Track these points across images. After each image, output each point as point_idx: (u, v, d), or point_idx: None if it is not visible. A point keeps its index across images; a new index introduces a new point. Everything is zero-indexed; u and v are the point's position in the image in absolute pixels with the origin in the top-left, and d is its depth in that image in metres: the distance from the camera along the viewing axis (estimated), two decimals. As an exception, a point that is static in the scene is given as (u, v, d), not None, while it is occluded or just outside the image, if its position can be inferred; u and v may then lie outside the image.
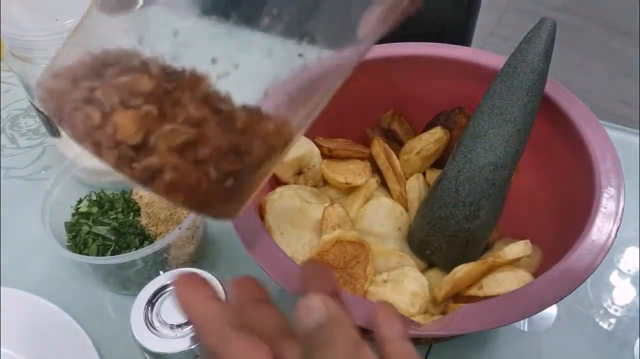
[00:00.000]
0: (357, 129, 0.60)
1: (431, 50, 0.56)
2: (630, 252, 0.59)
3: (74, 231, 0.56)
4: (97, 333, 0.52)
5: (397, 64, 0.56)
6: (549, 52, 0.48)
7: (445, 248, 0.49)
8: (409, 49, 0.56)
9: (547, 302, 0.39)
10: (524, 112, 0.47)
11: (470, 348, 0.52)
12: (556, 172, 0.52)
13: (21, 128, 0.74)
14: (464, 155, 0.48)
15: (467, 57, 0.55)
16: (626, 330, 0.53)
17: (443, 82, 0.57)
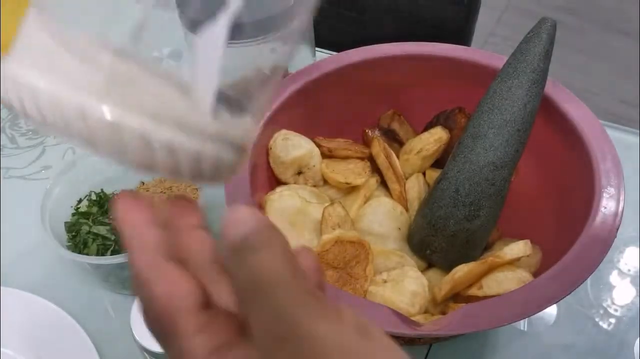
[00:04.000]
0: (357, 129, 0.60)
1: (431, 50, 0.56)
2: (630, 252, 0.59)
3: (73, 230, 0.56)
4: (97, 333, 0.52)
5: (397, 64, 0.56)
6: (549, 52, 0.48)
7: (445, 248, 0.49)
8: (409, 49, 0.57)
9: (547, 302, 0.39)
10: (524, 112, 0.47)
11: (470, 348, 0.52)
12: (556, 172, 0.52)
13: (21, 128, 0.74)
14: (464, 155, 0.48)
15: (467, 57, 0.55)
16: (626, 330, 0.53)
17: (443, 82, 0.57)
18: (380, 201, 0.53)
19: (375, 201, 0.53)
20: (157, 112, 0.25)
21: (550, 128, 0.51)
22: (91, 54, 0.26)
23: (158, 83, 0.26)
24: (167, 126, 0.25)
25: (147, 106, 0.25)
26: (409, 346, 0.51)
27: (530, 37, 0.48)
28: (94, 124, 0.24)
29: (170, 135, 0.25)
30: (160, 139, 0.25)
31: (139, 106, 0.25)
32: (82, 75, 0.25)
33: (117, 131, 0.24)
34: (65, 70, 0.25)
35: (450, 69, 0.56)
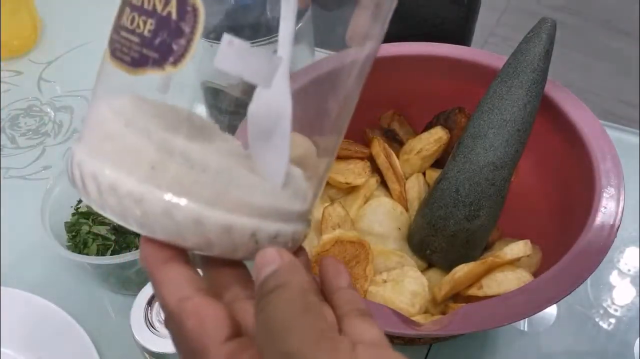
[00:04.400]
0: (357, 129, 0.60)
1: (431, 50, 0.56)
2: (630, 252, 0.59)
3: (73, 230, 0.56)
4: (97, 333, 0.52)
5: (397, 64, 0.56)
6: (549, 52, 0.48)
7: (445, 248, 0.49)
8: (409, 49, 0.56)
9: (547, 302, 0.39)
10: (524, 112, 0.47)
11: (470, 348, 0.52)
12: (556, 172, 0.52)
13: (21, 128, 0.74)
14: (464, 155, 0.48)
15: (467, 57, 0.55)
16: (626, 330, 0.53)
17: (443, 82, 0.57)
18: (380, 201, 0.53)
19: (375, 201, 0.53)
20: (241, 204, 0.26)
21: (550, 128, 0.51)
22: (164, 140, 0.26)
23: (232, 167, 0.27)
24: (250, 216, 0.26)
25: (229, 200, 0.26)
26: (409, 346, 0.51)
27: (530, 37, 0.48)
28: (180, 220, 0.25)
29: (254, 223, 0.26)
30: (267, 232, 0.27)
31: (221, 201, 0.26)
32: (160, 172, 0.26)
33: (200, 225, 0.26)
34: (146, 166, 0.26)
35: (450, 69, 0.56)
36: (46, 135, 0.72)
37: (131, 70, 0.27)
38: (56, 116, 0.75)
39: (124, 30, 0.28)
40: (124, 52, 0.27)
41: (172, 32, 0.27)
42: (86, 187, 0.27)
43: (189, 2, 0.27)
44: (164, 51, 0.27)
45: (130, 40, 0.27)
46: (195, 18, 0.27)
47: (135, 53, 0.27)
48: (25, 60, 0.82)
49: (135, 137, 0.26)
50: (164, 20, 0.27)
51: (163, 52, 0.27)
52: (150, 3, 0.27)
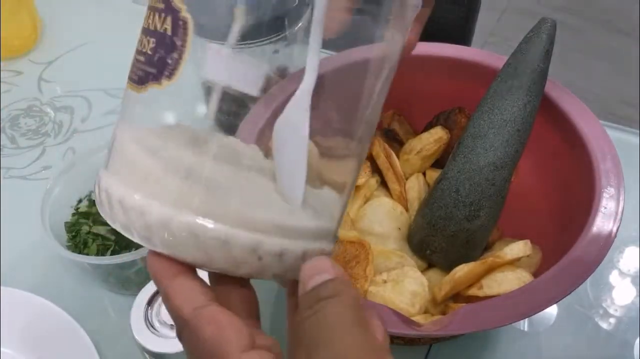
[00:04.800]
0: (357, 129, 0.60)
1: (432, 50, 0.56)
2: (630, 252, 0.59)
3: (73, 230, 0.56)
4: (97, 333, 0.52)
5: (397, 64, 0.56)
6: (549, 52, 0.48)
7: (445, 248, 0.49)
8: (409, 49, 0.56)
9: (547, 302, 0.39)
10: (524, 112, 0.47)
11: (470, 348, 0.52)
12: (556, 172, 0.52)
13: (21, 128, 0.74)
14: (464, 155, 0.48)
15: (468, 57, 0.55)
16: (626, 330, 0.53)
17: (443, 82, 0.57)
18: (380, 201, 0.53)
19: (375, 201, 0.53)
20: (264, 225, 0.26)
21: (550, 128, 0.51)
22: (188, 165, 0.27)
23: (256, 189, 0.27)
24: (275, 237, 0.27)
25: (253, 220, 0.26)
26: (409, 346, 0.51)
27: (530, 37, 0.48)
28: (207, 242, 0.26)
29: (280, 244, 0.27)
30: (271, 249, 0.26)
31: (245, 221, 0.26)
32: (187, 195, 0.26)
33: (228, 246, 0.26)
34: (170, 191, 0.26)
35: (450, 69, 0.56)
36: (46, 135, 0.72)
37: (136, 88, 0.28)
38: (56, 116, 0.75)
39: (137, 54, 0.29)
40: (134, 72, 0.29)
41: (167, 47, 0.28)
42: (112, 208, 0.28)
43: (180, 16, 0.27)
44: (161, 66, 0.28)
45: (139, 61, 0.29)
46: (185, 31, 0.28)
47: (141, 72, 0.28)
48: (25, 60, 0.82)
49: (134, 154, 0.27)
50: (161, 37, 0.28)
51: (160, 67, 0.28)
52: (153, 24, 0.28)
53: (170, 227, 0.26)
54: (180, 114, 0.31)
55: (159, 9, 0.28)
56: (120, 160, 0.28)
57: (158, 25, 0.28)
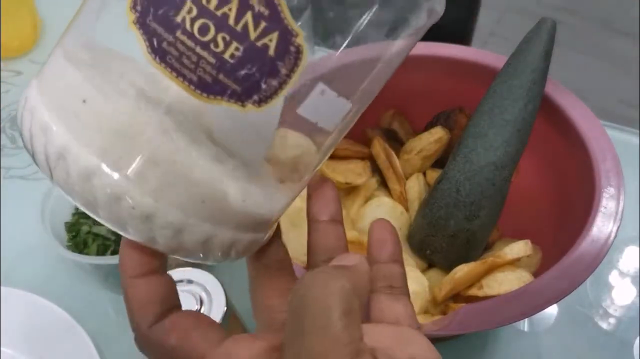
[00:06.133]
0: (357, 128, 0.60)
1: (431, 50, 0.56)
2: (630, 252, 0.59)
3: (74, 230, 0.56)
4: (97, 333, 0.52)
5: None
6: (549, 52, 0.48)
7: (445, 248, 0.49)
8: (409, 49, 0.56)
9: (547, 302, 0.39)
10: (524, 112, 0.47)
11: (470, 348, 0.52)
12: (556, 172, 0.52)
13: (21, 128, 0.74)
14: (464, 155, 0.48)
15: (467, 57, 0.55)
16: (626, 330, 0.53)
17: (443, 82, 0.57)
18: (380, 201, 0.53)
19: (376, 201, 0.53)
20: (189, 207, 0.23)
21: (550, 128, 0.51)
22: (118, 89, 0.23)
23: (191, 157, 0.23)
24: (201, 220, 0.24)
25: (181, 200, 0.23)
26: (409, 346, 0.51)
27: (530, 37, 0.48)
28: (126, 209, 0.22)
29: (206, 230, 0.24)
30: (195, 232, 0.24)
31: (175, 200, 0.23)
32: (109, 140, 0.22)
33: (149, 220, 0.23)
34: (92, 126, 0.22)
35: (450, 69, 0.56)
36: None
37: (198, 95, 0.22)
38: (56, 116, 0.75)
39: (186, 36, 0.22)
40: (186, 66, 0.22)
41: (264, 69, 0.22)
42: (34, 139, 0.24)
43: (293, 41, 0.22)
44: (249, 87, 0.22)
45: (199, 55, 0.22)
46: (297, 61, 0.23)
47: (207, 75, 0.22)
48: (25, 61, 0.82)
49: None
50: (256, 52, 0.22)
51: (247, 88, 0.22)
52: (238, 21, 0.22)
53: (92, 182, 0.22)
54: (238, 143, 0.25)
55: (254, 9, 0.22)
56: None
57: (251, 33, 0.22)
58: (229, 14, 0.22)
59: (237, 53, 0.22)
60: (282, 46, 0.22)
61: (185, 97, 0.22)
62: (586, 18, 1.99)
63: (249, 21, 0.22)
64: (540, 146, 0.51)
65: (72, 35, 0.25)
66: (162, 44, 0.22)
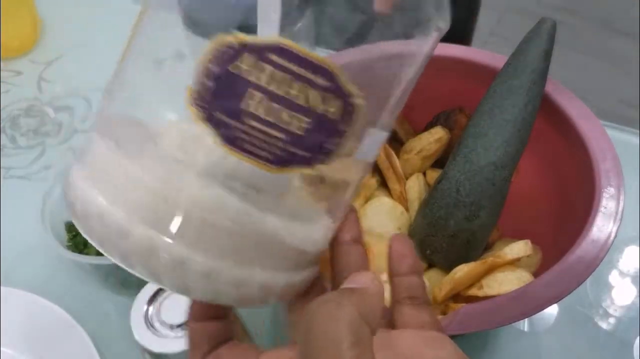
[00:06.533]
0: (357, 129, 0.60)
1: (431, 50, 0.56)
2: (630, 252, 0.59)
3: (74, 230, 0.56)
4: (97, 333, 0.52)
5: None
6: (549, 52, 0.48)
7: (445, 248, 0.49)
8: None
9: (547, 302, 0.39)
10: (524, 112, 0.47)
11: (470, 348, 0.52)
12: (556, 172, 0.52)
13: (21, 128, 0.73)
14: (464, 155, 0.48)
15: (468, 57, 0.55)
16: (626, 330, 0.53)
17: (443, 82, 0.57)
18: (380, 201, 0.53)
19: (376, 201, 0.53)
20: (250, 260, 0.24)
21: (550, 128, 0.51)
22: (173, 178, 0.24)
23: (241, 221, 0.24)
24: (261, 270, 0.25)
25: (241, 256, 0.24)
26: (409, 346, 0.51)
27: (530, 37, 0.48)
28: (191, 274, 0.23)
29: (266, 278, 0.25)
30: (257, 280, 0.25)
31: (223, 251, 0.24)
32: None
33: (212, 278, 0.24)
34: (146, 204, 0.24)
35: (451, 69, 0.56)
36: (46, 135, 0.72)
37: (272, 169, 0.24)
38: (56, 116, 0.75)
39: (253, 119, 0.23)
40: (259, 147, 0.24)
41: (329, 132, 0.24)
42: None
43: (353, 102, 0.24)
44: (317, 151, 0.24)
45: (270, 135, 0.23)
46: (355, 116, 0.24)
47: (279, 150, 0.24)
48: (25, 61, 0.82)
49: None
50: (321, 120, 0.24)
51: (315, 152, 0.24)
52: (302, 97, 0.23)
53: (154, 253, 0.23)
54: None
55: (316, 83, 0.23)
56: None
57: (317, 106, 0.24)
58: (294, 94, 0.23)
59: (304, 125, 0.24)
60: (341, 109, 0.24)
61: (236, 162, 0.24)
62: (586, 18, 1.99)
63: (312, 96, 0.23)
64: (540, 146, 0.51)
65: (107, 117, 0.27)
66: (232, 132, 0.23)
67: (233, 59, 0.23)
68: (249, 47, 0.23)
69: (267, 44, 0.23)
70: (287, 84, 0.23)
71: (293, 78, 0.23)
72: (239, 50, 0.23)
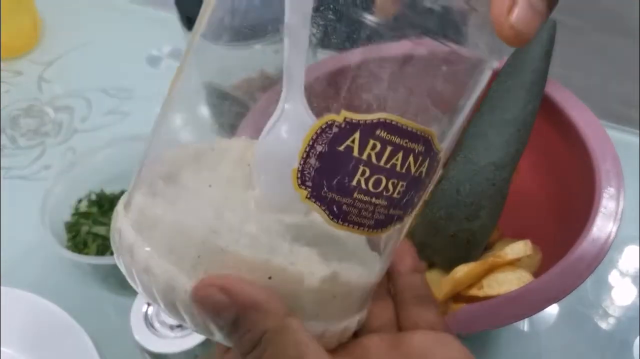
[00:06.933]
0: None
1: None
2: (630, 252, 0.59)
3: (73, 231, 0.56)
4: (97, 333, 0.52)
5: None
6: (549, 52, 0.48)
7: (445, 248, 0.49)
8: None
9: (547, 302, 0.39)
10: (524, 112, 0.47)
11: (470, 348, 0.52)
12: (556, 172, 0.52)
13: (21, 128, 0.74)
14: (464, 155, 0.48)
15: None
16: (626, 330, 0.53)
17: (443, 82, 0.57)
18: (380, 201, 0.53)
19: (375, 201, 0.53)
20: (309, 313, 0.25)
21: (551, 128, 0.51)
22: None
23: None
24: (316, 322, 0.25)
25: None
26: (409, 346, 0.51)
27: (530, 37, 0.48)
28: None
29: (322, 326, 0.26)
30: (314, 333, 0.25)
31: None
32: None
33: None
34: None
35: (451, 69, 0.56)
36: (46, 135, 0.72)
37: (373, 233, 0.25)
38: (56, 116, 0.75)
39: (360, 193, 0.24)
40: (365, 217, 0.25)
41: (419, 189, 0.26)
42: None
43: (439, 159, 0.26)
44: (408, 207, 0.26)
45: (375, 204, 0.25)
46: (438, 169, 0.26)
47: (381, 215, 0.25)
48: (25, 61, 0.82)
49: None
50: (415, 181, 0.25)
51: (407, 208, 0.26)
52: (403, 165, 0.24)
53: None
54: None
55: (415, 150, 0.24)
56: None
57: (412, 169, 0.25)
58: (397, 163, 0.24)
59: (401, 189, 0.25)
60: (430, 167, 0.25)
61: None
62: (586, 18, 1.99)
63: (411, 162, 0.24)
64: (540, 146, 0.51)
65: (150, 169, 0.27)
66: (342, 208, 0.24)
67: (344, 139, 0.23)
68: (361, 127, 0.23)
69: (375, 121, 0.23)
70: (392, 155, 0.24)
71: (396, 150, 0.24)
72: (350, 130, 0.23)
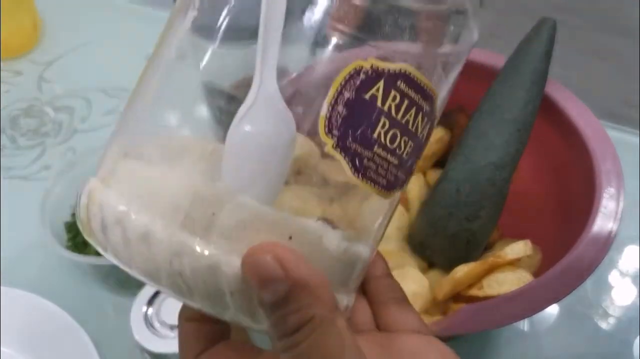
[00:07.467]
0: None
1: (431, 50, 0.56)
2: (630, 252, 0.59)
3: (73, 231, 0.56)
4: (97, 333, 0.51)
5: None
6: (549, 52, 0.48)
7: (445, 248, 0.49)
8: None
9: (547, 302, 0.39)
10: (524, 112, 0.47)
11: (470, 348, 0.52)
12: (556, 172, 0.52)
13: (21, 128, 0.74)
14: (464, 155, 0.48)
15: (468, 56, 0.55)
16: (626, 330, 0.53)
17: (443, 82, 0.57)
18: (380, 201, 0.53)
19: (376, 201, 0.53)
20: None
21: (551, 128, 0.51)
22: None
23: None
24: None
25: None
26: (409, 346, 0.51)
27: (530, 37, 0.48)
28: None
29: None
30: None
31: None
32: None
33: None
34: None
35: (451, 69, 0.56)
36: (46, 135, 0.72)
37: (383, 194, 0.24)
38: (56, 116, 0.75)
39: (381, 148, 0.23)
40: (380, 174, 0.24)
41: (418, 154, 0.25)
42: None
43: (434, 124, 0.25)
44: (409, 173, 0.25)
45: (389, 162, 0.24)
46: (430, 136, 0.25)
47: (392, 176, 0.24)
48: (25, 61, 0.82)
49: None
50: (419, 143, 0.25)
51: (408, 174, 0.25)
52: (414, 123, 0.24)
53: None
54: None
55: (424, 109, 0.24)
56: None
57: (419, 129, 0.24)
58: (410, 119, 0.23)
59: (410, 149, 0.24)
60: (429, 131, 0.25)
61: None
62: (586, 18, 1.99)
63: (419, 121, 0.24)
64: (540, 146, 0.51)
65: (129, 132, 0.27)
66: (363, 162, 0.23)
67: (369, 86, 0.22)
68: (385, 76, 0.22)
69: (398, 71, 0.23)
70: (407, 110, 0.23)
71: (410, 104, 0.23)
72: (375, 78, 0.22)
